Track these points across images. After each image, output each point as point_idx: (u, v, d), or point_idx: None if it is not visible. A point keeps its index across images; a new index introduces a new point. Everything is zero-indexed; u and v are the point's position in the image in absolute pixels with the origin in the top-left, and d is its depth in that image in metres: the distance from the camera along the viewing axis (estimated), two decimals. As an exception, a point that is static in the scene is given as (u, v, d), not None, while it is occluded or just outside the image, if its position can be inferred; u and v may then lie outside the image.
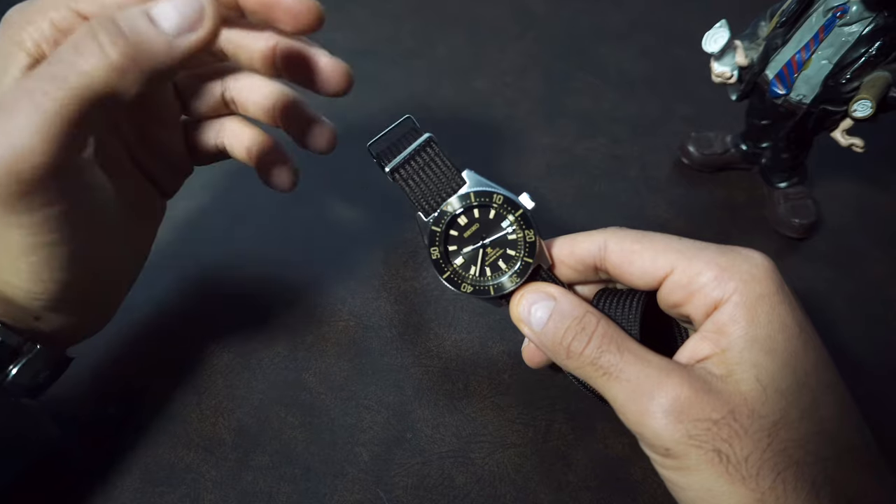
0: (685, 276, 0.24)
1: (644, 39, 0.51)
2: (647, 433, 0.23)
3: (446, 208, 0.28)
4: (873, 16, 0.31)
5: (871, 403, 0.33)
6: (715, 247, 0.25)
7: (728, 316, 0.23)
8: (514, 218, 0.28)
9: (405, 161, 0.29)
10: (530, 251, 0.27)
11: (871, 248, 0.40)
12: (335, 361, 0.33)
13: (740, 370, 0.22)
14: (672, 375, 0.23)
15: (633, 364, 0.24)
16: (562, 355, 0.26)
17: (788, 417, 0.22)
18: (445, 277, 0.28)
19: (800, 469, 0.21)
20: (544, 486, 0.30)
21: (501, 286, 0.28)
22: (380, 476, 0.30)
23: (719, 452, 0.22)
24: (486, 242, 0.28)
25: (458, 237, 0.28)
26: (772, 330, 0.23)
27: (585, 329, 0.25)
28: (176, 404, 0.32)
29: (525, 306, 0.27)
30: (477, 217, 0.28)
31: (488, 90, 0.47)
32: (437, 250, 0.28)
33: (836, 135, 0.35)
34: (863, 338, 0.36)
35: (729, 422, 0.22)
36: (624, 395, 0.24)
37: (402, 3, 0.53)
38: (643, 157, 0.43)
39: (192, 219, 0.39)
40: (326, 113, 0.45)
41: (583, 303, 0.26)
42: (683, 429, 0.22)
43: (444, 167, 0.29)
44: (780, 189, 0.40)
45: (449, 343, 0.34)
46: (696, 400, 0.22)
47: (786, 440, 0.21)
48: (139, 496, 0.29)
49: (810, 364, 0.22)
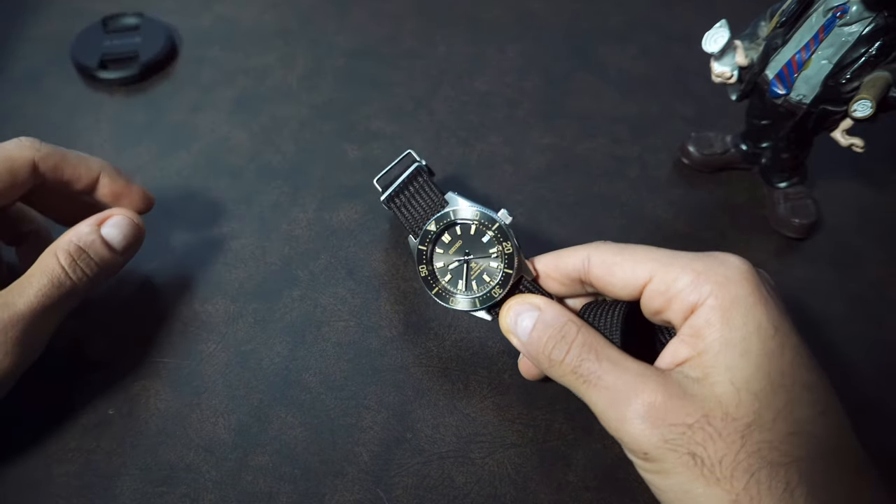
0: (663, 283, 0.25)
1: (644, 39, 0.51)
2: (625, 438, 0.24)
3: (429, 227, 0.30)
4: (873, 16, 0.31)
5: (870, 404, 0.33)
6: (692, 253, 0.25)
7: (704, 319, 0.24)
8: (493, 233, 0.30)
9: (398, 191, 0.32)
10: (509, 262, 0.29)
11: (871, 248, 0.40)
12: (335, 361, 0.33)
13: (715, 373, 0.23)
14: (647, 381, 0.23)
15: (610, 371, 0.24)
16: (545, 364, 0.27)
17: (762, 419, 0.22)
18: (434, 293, 0.31)
19: (773, 470, 0.21)
20: (544, 486, 0.30)
21: (486, 298, 0.30)
22: (380, 476, 0.30)
23: (694, 455, 0.22)
24: (469, 258, 0.30)
25: (443, 254, 0.31)
26: (746, 332, 0.23)
27: (566, 338, 0.26)
28: (176, 404, 0.32)
29: (512, 317, 0.28)
30: (459, 234, 0.30)
31: (488, 90, 0.47)
32: (424, 268, 0.31)
33: (836, 135, 0.35)
34: (862, 338, 0.36)
35: (703, 425, 0.22)
36: (603, 402, 0.24)
37: (402, 3, 0.53)
38: (643, 157, 0.43)
39: (189, 221, 0.39)
40: (328, 113, 0.45)
41: (566, 313, 0.27)
42: (659, 433, 0.23)
43: (432, 193, 0.31)
44: (780, 189, 0.40)
45: (449, 343, 0.34)
46: (670, 405, 0.23)
47: (759, 441, 0.22)
48: (139, 496, 0.29)
49: (786, 365, 0.23)
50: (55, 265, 0.29)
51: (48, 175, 0.31)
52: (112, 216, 0.31)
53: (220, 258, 0.37)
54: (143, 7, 0.50)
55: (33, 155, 0.30)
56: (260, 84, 0.46)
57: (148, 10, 0.50)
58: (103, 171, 0.32)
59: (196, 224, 0.39)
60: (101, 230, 0.30)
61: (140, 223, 0.32)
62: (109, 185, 0.32)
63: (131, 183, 0.33)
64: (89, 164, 0.32)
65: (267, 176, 0.41)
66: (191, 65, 0.47)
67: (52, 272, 0.28)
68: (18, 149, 0.30)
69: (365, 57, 0.48)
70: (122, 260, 0.31)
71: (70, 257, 0.29)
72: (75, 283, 0.29)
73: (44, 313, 0.28)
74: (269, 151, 0.42)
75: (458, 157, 0.43)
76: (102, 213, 0.31)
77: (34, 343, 0.28)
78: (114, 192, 0.33)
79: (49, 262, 0.29)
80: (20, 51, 0.48)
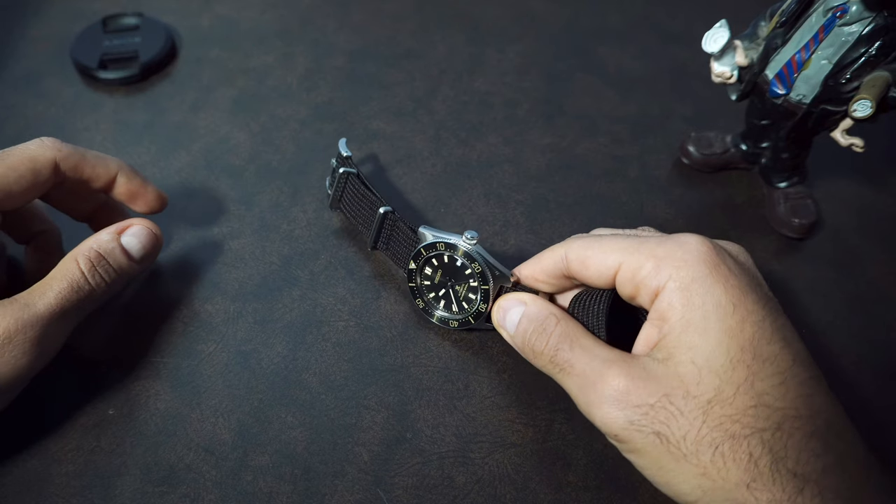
0: (629, 271, 0.26)
1: (644, 39, 0.51)
2: (597, 422, 0.25)
3: (410, 267, 0.33)
4: (873, 16, 0.31)
5: (870, 403, 0.33)
6: (656, 239, 0.26)
7: (666, 302, 0.25)
8: (461, 257, 0.31)
9: (377, 236, 0.35)
10: (483, 279, 0.31)
11: (871, 248, 0.40)
12: (335, 361, 0.33)
13: (678, 353, 0.24)
14: (612, 367, 0.25)
15: (581, 358, 0.26)
16: (529, 355, 0.29)
17: (723, 394, 0.23)
18: (436, 320, 0.34)
19: (736, 442, 0.23)
20: (544, 486, 0.30)
21: (477, 314, 0.32)
22: (380, 476, 0.30)
23: (659, 434, 0.24)
24: (452, 283, 0.32)
25: (431, 285, 0.33)
26: (705, 311, 0.24)
27: (546, 329, 0.28)
28: (176, 404, 0.32)
29: (501, 312, 0.30)
30: (437, 265, 0.32)
31: (488, 90, 0.47)
32: (420, 301, 0.34)
33: (836, 135, 0.35)
34: (862, 338, 0.36)
35: (665, 405, 0.24)
36: (576, 388, 0.26)
37: (402, 3, 0.53)
38: (643, 157, 0.43)
39: (189, 221, 0.39)
40: (328, 113, 0.45)
41: (548, 307, 0.29)
42: (624, 416, 0.24)
43: (404, 232, 0.33)
44: (780, 189, 0.40)
45: (449, 343, 0.34)
46: (632, 387, 0.24)
47: (721, 416, 0.23)
48: (139, 496, 0.29)
49: (746, 340, 0.24)
50: (75, 270, 0.29)
51: (68, 174, 0.31)
52: (132, 225, 0.32)
53: (220, 258, 0.37)
54: (143, 7, 0.50)
55: (55, 155, 0.31)
56: (260, 84, 0.46)
57: (148, 10, 0.50)
58: (121, 170, 0.33)
59: (196, 224, 0.39)
60: (121, 239, 0.31)
61: (158, 234, 0.33)
62: (126, 185, 0.33)
63: (147, 183, 0.34)
64: (107, 164, 0.33)
65: (267, 176, 0.41)
66: (191, 65, 0.47)
67: (73, 277, 0.29)
68: (41, 149, 0.31)
69: (365, 57, 0.48)
70: (139, 268, 0.32)
71: (90, 263, 0.30)
72: (93, 288, 0.30)
73: (62, 316, 0.29)
74: (269, 151, 0.42)
75: (458, 157, 0.43)
76: (123, 223, 0.32)
77: (50, 345, 0.29)
78: (130, 191, 0.33)
79: (70, 266, 0.29)
80: (20, 51, 0.48)
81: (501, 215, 0.40)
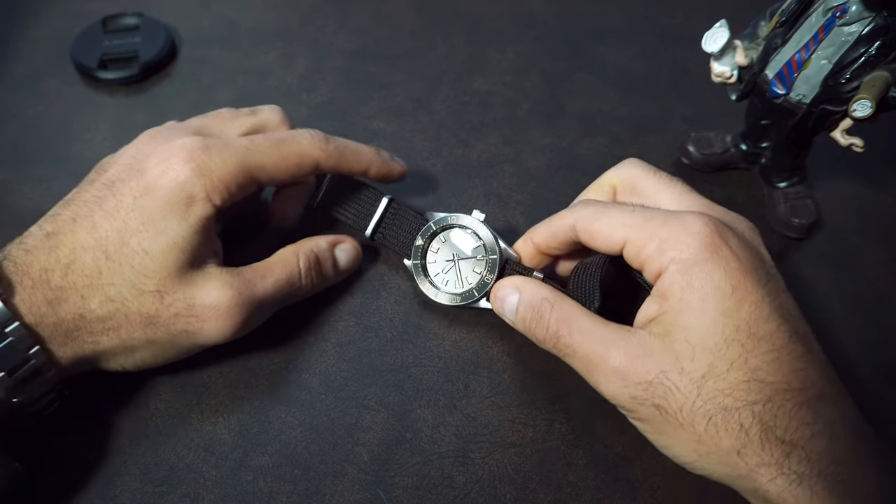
0: (635, 248, 0.28)
1: (644, 39, 0.51)
2: (606, 396, 0.27)
3: (417, 243, 0.34)
4: (873, 15, 0.31)
5: (869, 403, 0.33)
6: (661, 217, 0.28)
7: (668, 283, 0.26)
8: (470, 232, 0.33)
9: (377, 225, 0.35)
10: (491, 251, 0.33)
11: (871, 248, 0.40)
12: (335, 361, 0.33)
13: (674, 331, 0.26)
14: (611, 347, 0.27)
15: (581, 342, 0.28)
16: (535, 340, 0.30)
17: (716, 370, 0.25)
18: (438, 298, 0.34)
19: (728, 413, 0.24)
20: (544, 486, 0.30)
21: (481, 286, 0.33)
22: (380, 476, 0.30)
23: (658, 406, 0.25)
24: (457, 258, 0.34)
25: (435, 263, 0.34)
26: (704, 293, 0.25)
27: (542, 317, 0.29)
28: (176, 404, 0.32)
29: (499, 300, 0.31)
30: (444, 241, 0.34)
31: (488, 90, 0.47)
32: (424, 279, 0.34)
33: (836, 135, 0.35)
34: (862, 338, 0.36)
35: (662, 380, 0.25)
36: (583, 369, 0.28)
37: (402, 3, 0.53)
38: (643, 157, 0.43)
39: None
40: (328, 113, 0.45)
41: (541, 290, 0.30)
42: (627, 392, 0.26)
43: (409, 216, 0.35)
44: (780, 189, 0.40)
45: (449, 343, 0.34)
46: (631, 366, 0.26)
47: (714, 390, 0.25)
48: (139, 496, 0.29)
49: (742, 320, 0.25)
50: (296, 265, 0.32)
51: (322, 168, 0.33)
52: (345, 241, 0.35)
53: (220, 258, 0.37)
54: (143, 7, 0.50)
55: (319, 156, 0.32)
56: (260, 84, 0.46)
57: (148, 10, 0.50)
58: (372, 163, 0.35)
59: (196, 224, 0.39)
60: (335, 250, 0.34)
61: (360, 254, 0.35)
62: (377, 170, 0.35)
63: (392, 162, 0.36)
64: (360, 159, 0.34)
65: (267, 176, 0.41)
66: (191, 65, 0.47)
67: (292, 271, 0.31)
68: (310, 147, 0.32)
69: (365, 57, 0.48)
70: (335, 281, 0.35)
71: (308, 263, 0.32)
72: (302, 286, 0.32)
73: (272, 303, 0.31)
74: (269, 151, 0.42)
75: (458, 157, 0.43)
76: (337, 237, 0.34)
77: (248, 326, 0.30)
78: (380, 174, 0.35)
79: (292, 260, 0.32)
80: (20, 51, 0.48)
81: (501, 215, 0.40)
